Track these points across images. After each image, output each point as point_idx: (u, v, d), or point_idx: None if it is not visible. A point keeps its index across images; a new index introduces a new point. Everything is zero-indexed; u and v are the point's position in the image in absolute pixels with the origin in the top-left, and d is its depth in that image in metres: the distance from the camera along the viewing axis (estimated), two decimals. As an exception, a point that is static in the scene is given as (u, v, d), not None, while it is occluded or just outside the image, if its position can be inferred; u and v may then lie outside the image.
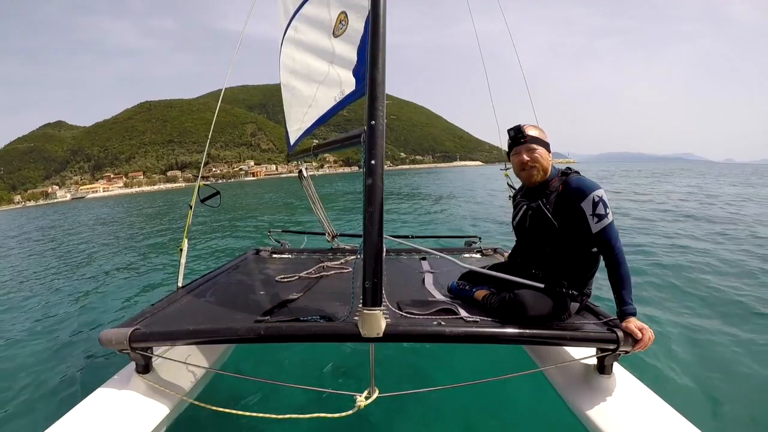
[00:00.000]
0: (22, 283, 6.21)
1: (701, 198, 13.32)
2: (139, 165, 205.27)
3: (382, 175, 1.40)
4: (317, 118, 2.68)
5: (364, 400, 1.44)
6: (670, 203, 12.06)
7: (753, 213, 9.33)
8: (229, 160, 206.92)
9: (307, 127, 2.90)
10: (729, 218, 8.56)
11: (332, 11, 2.36)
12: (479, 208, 12.64)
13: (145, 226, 14.35)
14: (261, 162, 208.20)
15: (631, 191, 16.71)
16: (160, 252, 8.14)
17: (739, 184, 19.64)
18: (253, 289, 2.33)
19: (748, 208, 10.43)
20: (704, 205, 11.15)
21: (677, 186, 19.21)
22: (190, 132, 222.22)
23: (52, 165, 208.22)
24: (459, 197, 16.61)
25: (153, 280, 5.65)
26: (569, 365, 1.78)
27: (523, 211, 1.80)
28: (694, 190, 16.82)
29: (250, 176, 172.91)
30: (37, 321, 4.18)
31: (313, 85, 2.62)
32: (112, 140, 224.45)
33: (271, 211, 15.98)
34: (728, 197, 13.26)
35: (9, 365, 3.12)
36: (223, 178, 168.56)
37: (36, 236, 14.26)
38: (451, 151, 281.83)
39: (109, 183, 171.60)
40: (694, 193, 15.38)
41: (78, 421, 1.42)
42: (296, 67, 2.87)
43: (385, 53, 1.53)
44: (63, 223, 19.37)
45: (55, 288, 5.68)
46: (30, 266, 7.79)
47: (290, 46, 2.93)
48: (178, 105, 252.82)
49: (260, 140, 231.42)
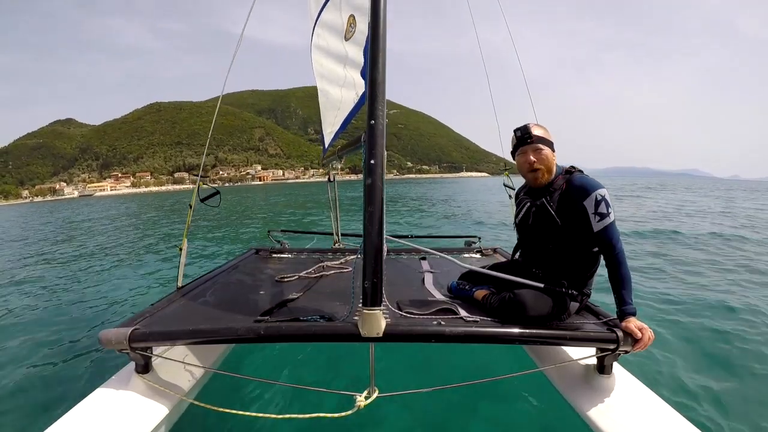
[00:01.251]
0: (22, 283, 6.20)
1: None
2: (147, 165, 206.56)
3: (382, 175, 1.39)
4: (343, 119, 2.77)
5: (364, 400, 1.44)
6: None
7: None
8: (237, 164, 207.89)
9: (337, 129, 3.01)
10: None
11: (343, 15, 2.40)
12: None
13: (156, 223, 14.41)
14: (268, 167, 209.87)
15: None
16: (160, 252, 8.14)
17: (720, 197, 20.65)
18: (253, 289, 2.33)
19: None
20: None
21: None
22: (198, 134, 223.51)
23: (61, 162, 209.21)
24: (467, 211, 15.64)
25: (153, 279, 5.65)
26: (569, 365, 1.78)
27: (526, 209, 1.81)
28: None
29: (257, 180, 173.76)
30: (37, 321, 4.17)
31: (339, 87, 2.71)
32: (120, 140, 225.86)
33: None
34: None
35: (8, 365, 3.11)
36: (230, 181, 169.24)
37: (38, 236, 14.26)
38: (458, 162, 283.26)
39: (117, 182, 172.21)
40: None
41: (78, 421, 1.42)
42: (324, 72, 2.97)
43: (385, 54, 1.53)
44: (75, 219, 19.48)
45: (55, 287, 5.67)
46: (29, 265, 7.78)
47: (317, 51, 3.03)
48: (187, 107, 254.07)
49: (268, 145, 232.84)
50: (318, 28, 2.88)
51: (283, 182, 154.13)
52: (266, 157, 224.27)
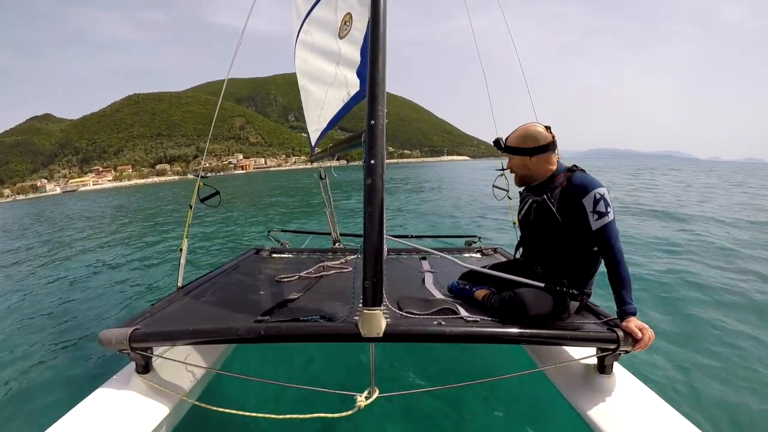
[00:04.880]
0: (20, 282, 6.20)
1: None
2: (128, 158, 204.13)
3: (382, 175, 1.39)
4: (330, 119, 2.72)
5: (364, 400, 1.44)
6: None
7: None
8: (218, 154, 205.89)
9: (323, 128, 2.96)
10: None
11: (339, 13, 2.38)
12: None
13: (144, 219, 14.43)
14: (250, 155, 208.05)
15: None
16: (161, 252, 8.13)
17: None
18: (253, 289, 2.33)
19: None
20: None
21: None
22: (178, 125, 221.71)
23: (40, 158, 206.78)
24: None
25: (153, 280, 5.64)
26: (569, 365, 1.78)
27: (528, 205, 1.82)
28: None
29: (239, 170, 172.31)
30: (37, 321, 4.17)
31: (324, 86, 2.67)
32: (100, 133, 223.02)
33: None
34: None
35: (8, 365, 3.11)
36: (212, 171, 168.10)
37: (32, 233, 14.26)
38: (439, 146, 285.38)
39: (98, 176, 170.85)
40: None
41: (78, 421, 1.42)
42: (308, 69, 2.92)
43: (385, 53, 1.53)
44: (71, 214, 19.60)
45: (55, 287, 5.67)
46: (27, 265, 7.78)
47: (302, 48, 2.97)
48: (167, 98, 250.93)
49: (249, 133, 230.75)
50: (307, 25, 2.84)
51: (266, 170, 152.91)
52: (247, 146, 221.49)
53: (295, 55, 3.12)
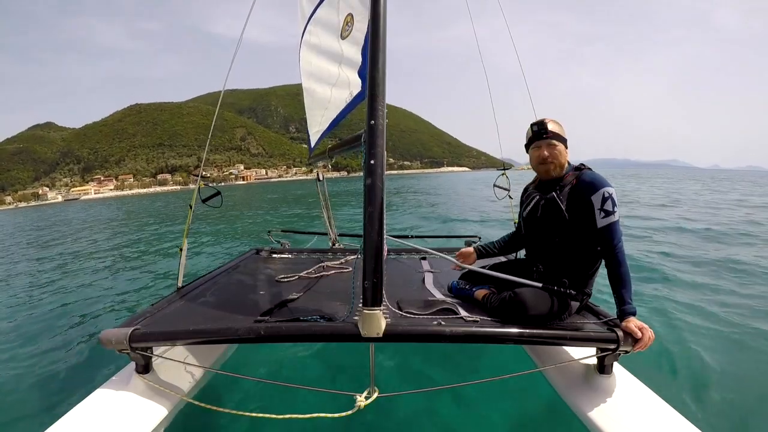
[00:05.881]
0: (22, 284, 6.20)
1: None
2: (129, 168, 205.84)
3: (382, 176, 1.39)
4: (332, 120, 2.72)
5: (364, 400, 1.44)
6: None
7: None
8: (219, 164, 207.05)
9: (324, 129, 2.96)
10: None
11: (341, 14, 2.39)
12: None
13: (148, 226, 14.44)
14: (251, 166, 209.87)
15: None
16: (160, 251, 8.14)
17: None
18: (253, 289, 2.33)
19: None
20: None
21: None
22: (180, 135, 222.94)
23: (42, 166, 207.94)
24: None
25: (153, 280, 5.64)
26: (569, 365, 1.78)
27: (535, 202, 1.82)
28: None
29: (240, 180, 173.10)
30: (37, 321, 4.17)
31: (328, 87, 2.67)
32: (101, 142, 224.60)
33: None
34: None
35: (8, 365, 3.11)
36: (213, 182, 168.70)
37: (30, 237, 14.27)
38: (439, 157, 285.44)
39: (100, 185, 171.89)
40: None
41: (78, 421, 1.42)
42: (313, 70, 2.93)
43: (385, 53, 1.53)
44: (74, 221, 19.57)
45: (55, 287, 5.67)
46: (28, 266, 7.78)
47: (307, 49, 2.98)
48: (168, 108, 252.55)
49: (250, 144, 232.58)
50: (311, 26, 2.85)
51: (266, 181, 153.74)
52: (248, 157, 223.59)
53: (300, 57, 3.13)
